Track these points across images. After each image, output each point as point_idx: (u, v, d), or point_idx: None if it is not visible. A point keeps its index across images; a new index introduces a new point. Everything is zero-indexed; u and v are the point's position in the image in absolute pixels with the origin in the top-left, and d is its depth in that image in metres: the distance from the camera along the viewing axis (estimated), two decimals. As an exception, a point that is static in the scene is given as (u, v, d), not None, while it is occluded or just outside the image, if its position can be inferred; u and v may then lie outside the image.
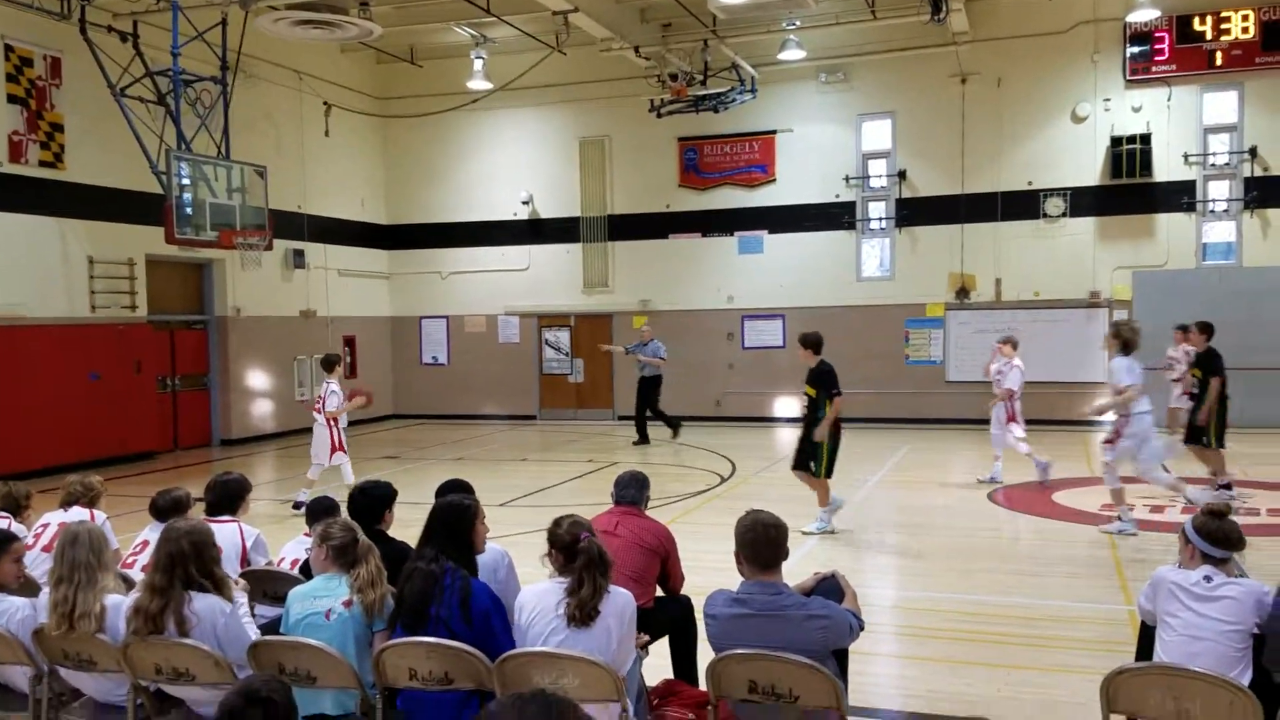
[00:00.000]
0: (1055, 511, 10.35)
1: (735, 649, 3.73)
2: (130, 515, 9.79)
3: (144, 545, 5.47)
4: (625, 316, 19.96)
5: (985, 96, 17.77)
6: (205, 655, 3.87)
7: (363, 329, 20.70)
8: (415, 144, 21.08)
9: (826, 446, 9.30)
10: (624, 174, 19.96)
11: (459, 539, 4.22)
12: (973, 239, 18.00)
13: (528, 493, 12.02)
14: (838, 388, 9.32)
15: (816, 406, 9.34)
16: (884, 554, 9.25)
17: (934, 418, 17.78)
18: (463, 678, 3.84)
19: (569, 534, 3.99)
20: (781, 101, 18.72)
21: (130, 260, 15.52)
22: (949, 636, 6.52)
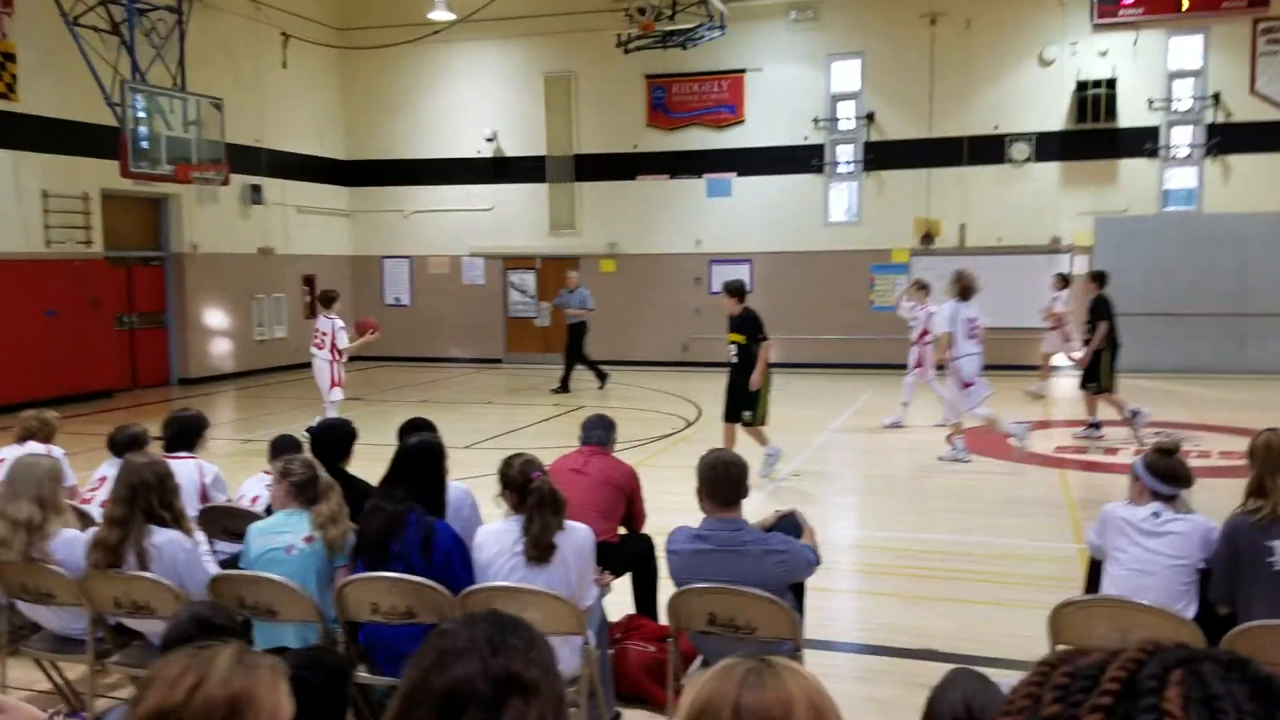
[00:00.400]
0: (1012, 453, 10.52)
1: (695, 583, 3.78)
2: (88, 453, 9.70)
3: (102, 481, 5.44)
4: (592, 259, 19.84)
5: (954, 38, 17.67)
6: (165, 589, 3.86)
7: (323, 268, 20.43)
8: (376, 77, 20.64)
9: (764, 393, 9.17)
10: (591, 112, 19.71)
11: (430, 477, 4.24)
12: (939, 184, 18.02)
13: (493, 435, 12.03)
14: (764, 332, 9.22)
15: (746, 354, 9.21)
16: (845, 494, 9.39)
17: (898, 363, 17.89)
18: (425, 612, 3.87)
19: (521, 473, 4.03)
20: (751, 40, 18.51)
21: (85, 195, 15.16)
22: (905, 573, 6.66)
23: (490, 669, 1.36)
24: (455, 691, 1.35)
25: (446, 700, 1.35)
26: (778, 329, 18.67)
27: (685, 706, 1.43)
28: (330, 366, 11.25)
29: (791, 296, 18.67)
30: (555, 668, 1.41)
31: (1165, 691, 0.62)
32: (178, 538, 4.02)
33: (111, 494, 4.09)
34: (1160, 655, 0.65)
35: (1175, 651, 0.66)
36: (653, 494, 5.46)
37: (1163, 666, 0.64)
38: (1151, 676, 0.64)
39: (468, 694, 1.35)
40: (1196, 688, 0.62)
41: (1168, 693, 0.62)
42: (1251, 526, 3.76)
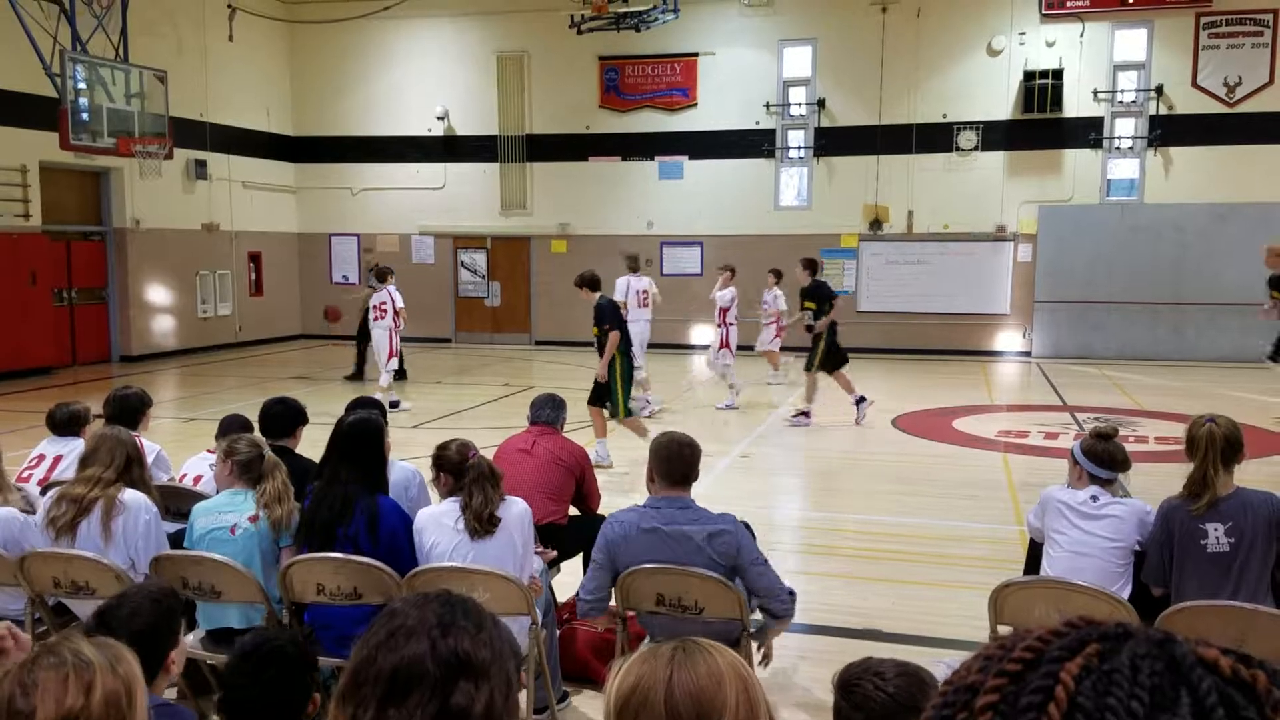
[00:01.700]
0: (954, 437, 10.71)
1: (632, 568, 3.78)
2: (26, 431, 9.48)
3: (39, 459, 5.32)
4: (544, 240, 19.76)
5: (905, 26, 17.81)
6: (105, 568, 3.80)
7: (269, 245, 20.12)
8: (324, 52, 20.29)
9: (619, 386, 9.06)
10: (543, 92, 19.57)
11: (372, 454, 4.20)
12: (887, 170, 18.19)
13: (441, 415, 11.95)
14: (609, 322, 9.17)
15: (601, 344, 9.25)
16: (790, 476, 9.49)
17: (845, 346, 18.07)
18: (371, 593, 3.85)
19: (458, 454, 4.05)
20: (704, 23, 18.50)
21: (23, 167, 14.73)
22: (848, 554, 6.76)
23: (439, 650, 1.36)
24: (403, 672, 1.35)
25: (394, 680, 1.34)
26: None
27: (614, 691, 1.45)
28: (390, 336, 12.05)
29: (741, 280, 18.68)
30: (506, 650, 1.41)
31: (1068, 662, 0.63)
32: (144, 500, 4.05)
33: (101, 459, 4.06)
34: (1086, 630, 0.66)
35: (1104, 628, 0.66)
36: (602, 475, 5.46)
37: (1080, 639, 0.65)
38: (1063, 647, 0.65)
39: (416, 674, 1.35)
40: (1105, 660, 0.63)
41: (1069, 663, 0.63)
42: (1190, 512, 3.86)
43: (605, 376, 9.11)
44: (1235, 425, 3.96)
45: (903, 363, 17.00)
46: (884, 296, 18.12)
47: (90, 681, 1.63)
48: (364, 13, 18.90)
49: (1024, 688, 0.63)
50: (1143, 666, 0.62)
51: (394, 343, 12.21)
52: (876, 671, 2.09)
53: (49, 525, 3.93)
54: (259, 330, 19.77)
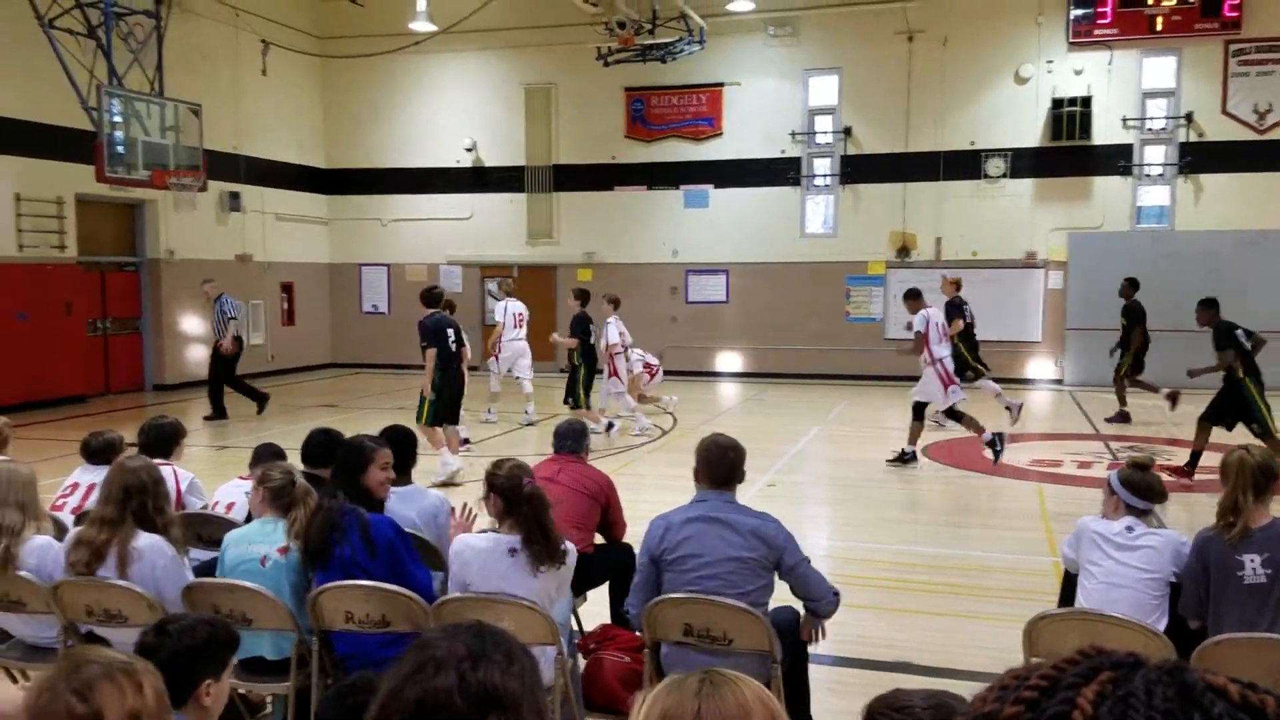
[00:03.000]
0: (986, 466, 10.59)
1: (682, 556, 3.83)
2: (59, 459, 9.59)
3: (74, 487, 5.37)
4: (569, 269, 19.86)
5: (931, 55, 17.84)
6: (138, 597, 3.82)
7: (301, 275, 20.34)
8: (356, 86, 20.60)
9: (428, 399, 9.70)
10: (570, 123, 19.75)
11: (349, 479, 4.21)
12: (915, 198, 18.17)
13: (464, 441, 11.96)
14: (427, 341, 9.70)
15: None
16: (820, 505, 9.43)
17: (873, 374, 18.04)
18: (400, 620, 3.85)
19: (509, 478, 3.99)
20: (729, 54, 18.62)
21: (59, 199, 15.02)
22: (879, 585, 6.68)
23: (468, 683, 1.36)
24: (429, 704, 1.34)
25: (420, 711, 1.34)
26: (752, 339, 18.92)
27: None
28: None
29: (766, 307, 18.77)
30: (537, 682, 1.41)
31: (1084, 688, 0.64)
32: (159, 544, 3.98)
33: (102, 495, 4.04)
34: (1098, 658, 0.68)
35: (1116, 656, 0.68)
36: (627, 502, 5.45)
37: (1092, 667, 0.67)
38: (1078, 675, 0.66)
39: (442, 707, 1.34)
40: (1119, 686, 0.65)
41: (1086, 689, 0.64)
42: (1225, 543, 3.81)
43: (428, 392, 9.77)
44: (1270, 455, 3.93)
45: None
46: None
47: (140, 681, 1.66)
48: (395, 47, 19.18)
49: (1041, 714, 0.64)
50: (1156, 692, 0.63)
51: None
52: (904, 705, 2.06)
53: (70, 569, 3.94)
54: (291, 359, 19.95)
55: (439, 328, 9.81)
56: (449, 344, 9.84)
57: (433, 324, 9.79)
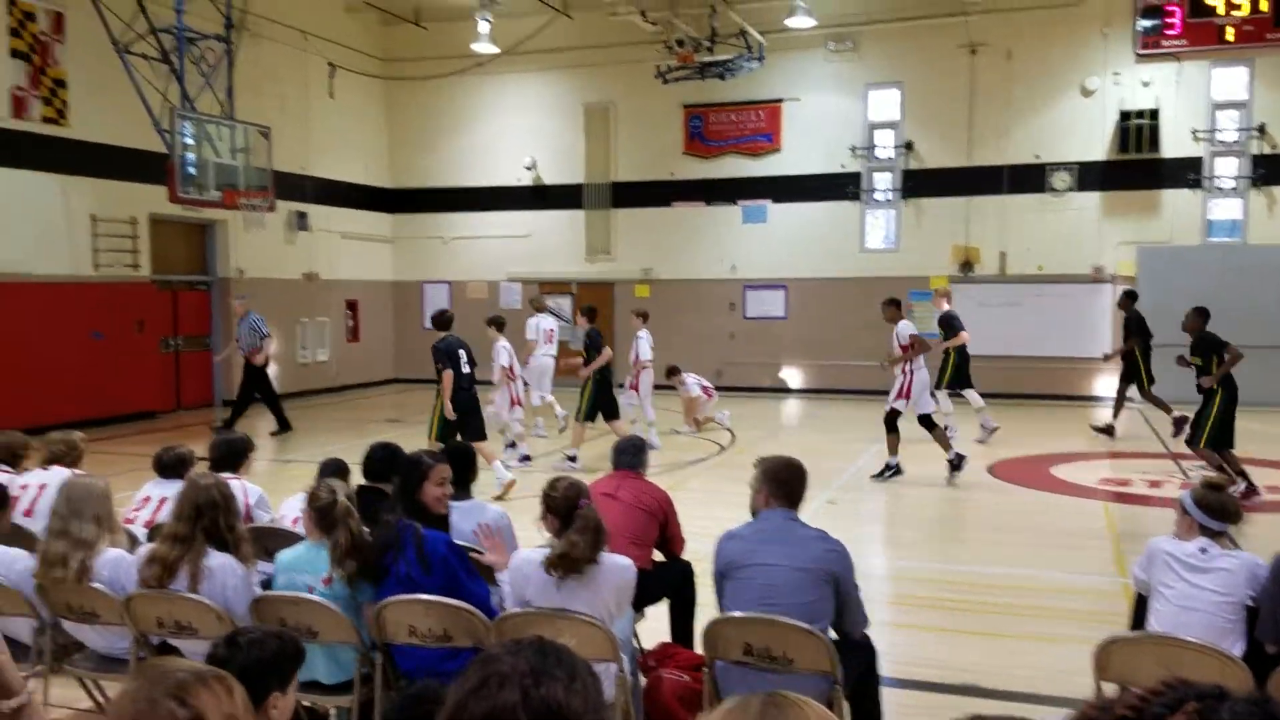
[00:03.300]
0: (1052, 485, 10.39)
1: (745, 566, 3.86)
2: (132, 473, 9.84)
3: (145, 501, 5.51)
4: (627, 285, 19.94)
5: (994, 68, 17.63)
6: (207, 609, 3.90)
7: (365, 293, 20.70)
8: (419, 107, 20.95)
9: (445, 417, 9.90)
10: (628, 141, 19.87)
11: (406, 494, 4.28)
12: (978, 212, 17.94)
13: (524, 458, 12.04)
14: (442, 363, 9.97)
15: None
16: (880, 523, 9.31)
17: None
18: (461, 635, 3.88)
19: (565, 497, 4.01)
20: (789, 70, 18.59)
21: (133, 219, 15.48)
22: (942, 606, 6.57)
23: (531, 699, 1.36)
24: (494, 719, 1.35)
25: (484, 727, 1.35)
26: (812, 354, 18.77)
27: None
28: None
29: (826, 322, 18.63)
30: (599, 699, 1.41)
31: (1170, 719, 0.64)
32: (230, 563, 4.05)
33: (175, 511, 4.11)
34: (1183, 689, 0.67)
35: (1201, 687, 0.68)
36: (684, 518, 5.42)
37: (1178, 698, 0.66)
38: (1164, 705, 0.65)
39: (506, 722, 1.35)
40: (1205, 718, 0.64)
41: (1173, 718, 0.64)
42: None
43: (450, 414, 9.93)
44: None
45: (996, 408, 16.57)
46: (975, 340, 17.69)
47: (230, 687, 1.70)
48: (458, 69, 19.48)
49: None
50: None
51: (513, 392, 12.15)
52: None
53: (142, 583, 4.02)
54: (355, 375, 20.29)
55: (452, 350, 10.10)
56: (462, 365, 10.12)
57: (446, 346, 10.09)
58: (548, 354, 13.72)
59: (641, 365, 13.11)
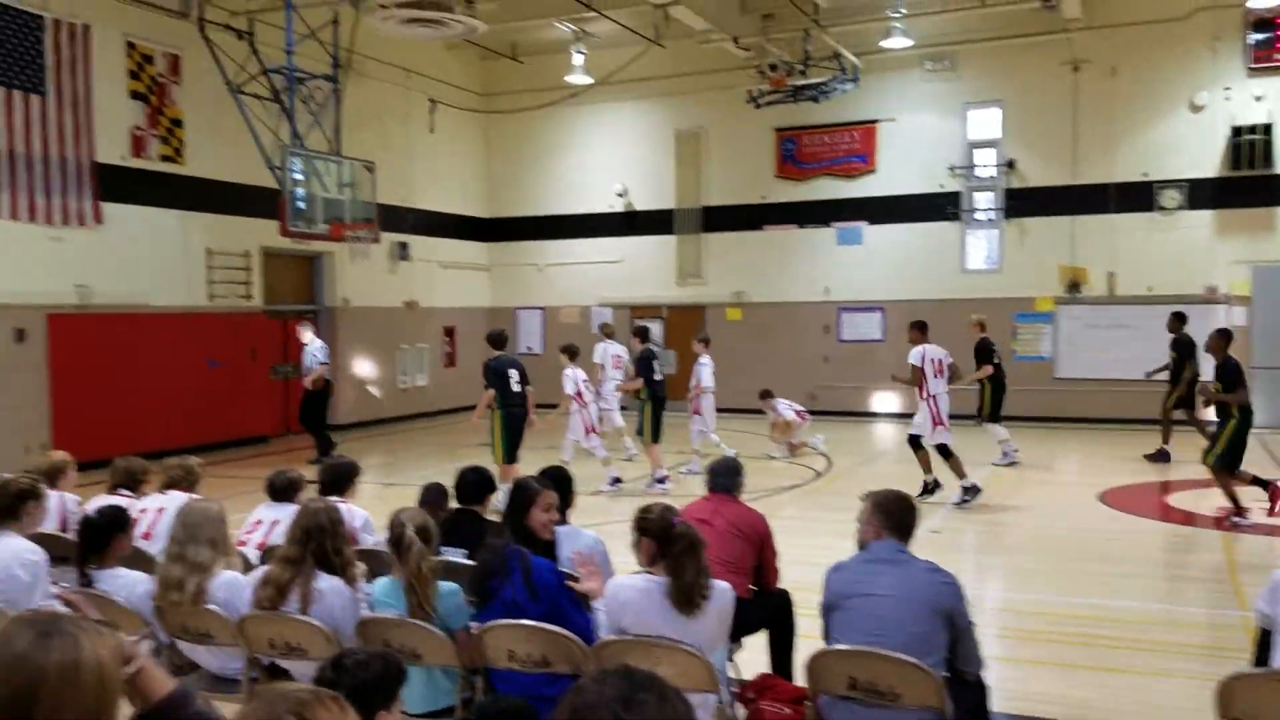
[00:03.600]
0: (1166, 513, 9.99)
1: (852, 596, 3.81)
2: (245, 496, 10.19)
3: (258, 524, 5.68)
4: (718, 308, 19.94)
5: (1099, 85, 17.17)
6: (317, 630, 4.00)
7: (462, 319, 21.12)
8: (515, 138, 21.38)
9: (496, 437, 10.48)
10: (719, 165, 19.92)
11: (514, 518, 4.34)
12: (1085, 231, 17.43)
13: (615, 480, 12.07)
14: (489, 381, 10.54)
15: None
16: (986, 554, 9.06)
17: (1042, 415, 17.29)
18: (560, 661, 3.89)
19: (660, 520, 3.98)
20: (884, 90, 18.41)
21: (246, 252, 16.12)
22: (1052, 638, 6.36)
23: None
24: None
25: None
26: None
27: None
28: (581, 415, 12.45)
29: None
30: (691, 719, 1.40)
31: None
32: (339, 585, 4.15)
33: (288, 535, 4.24)
34: None
35: None
36: (780, 547, 5.33)
37: None
38: None
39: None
40: None
41: None
42: None
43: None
44: None
45: (1105, 433, 16.05)
46: (1084, 363, 17.23)
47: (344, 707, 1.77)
48: (552, 100, 19.82)
49: None
50: None
51: (586, 419, 12.22)
52: None
53: (255, 604, 4.15)
54: (452, 399, 20.66)
55: (501, 369, 10.51)
56: (512, 385, 10.48)
57: (496, 365, 10.57)
58: (615, 379, 13.90)
59: (700, 390, 13.09)
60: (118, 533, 4.52)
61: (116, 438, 12.55)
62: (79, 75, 13.44)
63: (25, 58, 12.81)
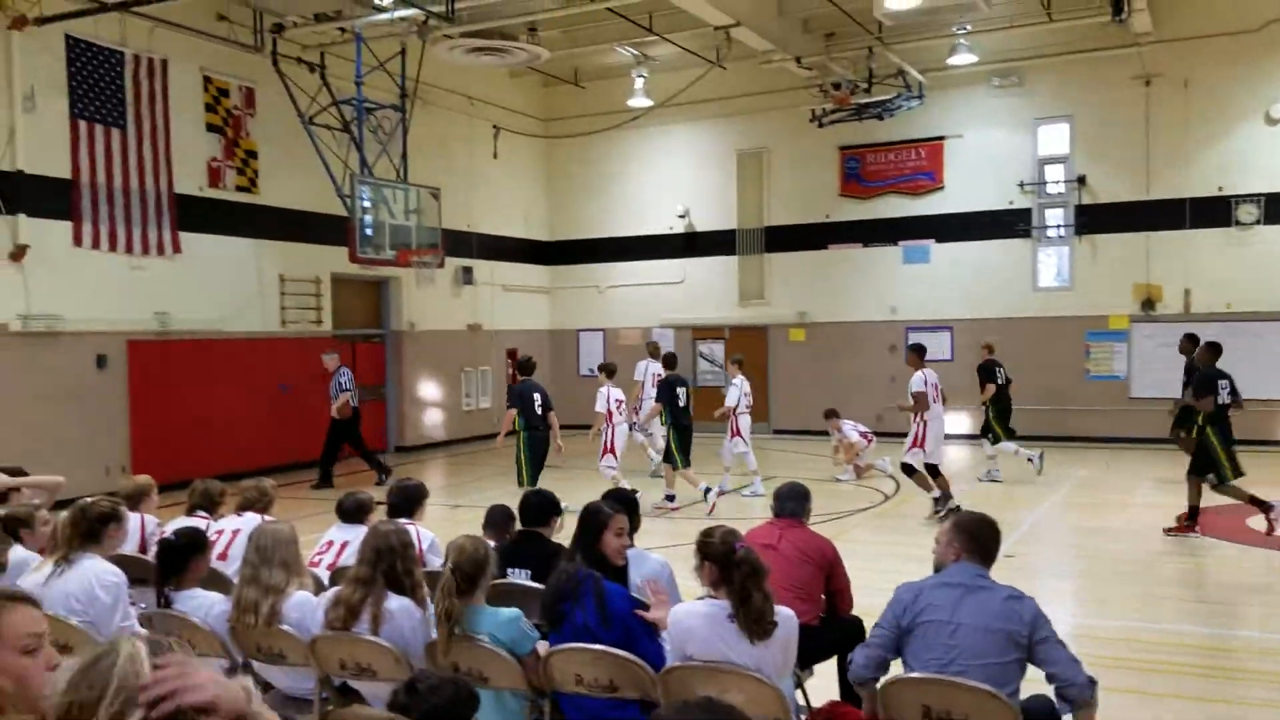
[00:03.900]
0: (1251, 538, 9.63)
1: (927, 621, 3.72)
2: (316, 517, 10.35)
3: (328, 545, 5.76)
4: (781, 329, 19.83)
5: (1171, 99, 16.79)
6: (386, 651, 4.03)
7: (524, 341, 21.27)
8: (577, 162, 21.57)
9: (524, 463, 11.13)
10: (782, 185, 19.86)
11: (586, 543, 4.32)
12: (1159, 247, 17.01)
13: (680, 504, 12.04)
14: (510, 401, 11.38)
15: None
16: (1063, 579, 8.83)
17: (1117, 436, 16.86)
18: (627, 686, 3.87)
19: (723, 544, 3.92)
20: (951, 107, 18.22)
21: (317, 278, 16.48)
22: (1134, 667, 6.16)
23: None
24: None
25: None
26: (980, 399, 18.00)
27: None
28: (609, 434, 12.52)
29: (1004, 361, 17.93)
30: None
31: None
32: (409, 605, 4.19)
33: (359, 556, 4.30)
34: None
35: None
36: (848, 572, 5.23)
37: None
38: None
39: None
40: None
41: None
42: None
43: None
44: None
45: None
46: (1159, 382, 16.75)
47: None
48: (613, 124, 19.96)
49: None
50: None
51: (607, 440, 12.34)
52: None
53: (327, 627, 4.20)
54: (516, 422, 20.82)
55: (525, 393, 11.18)
56: (535, 407, 11.03)
57: (520, 389, 11.35)
58: (651, 397, 14.05)
59: (728, 412, 13.17)
60: (195, 554, 4.61)
61: (193, 460, 12.88)
62: (158, 109, 13.90)
63: (106, 92, 13.29)
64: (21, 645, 2.18)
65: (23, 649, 2.18)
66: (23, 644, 2.19)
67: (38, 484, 6.62)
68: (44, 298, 12.62)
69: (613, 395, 12.36)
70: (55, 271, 12.72)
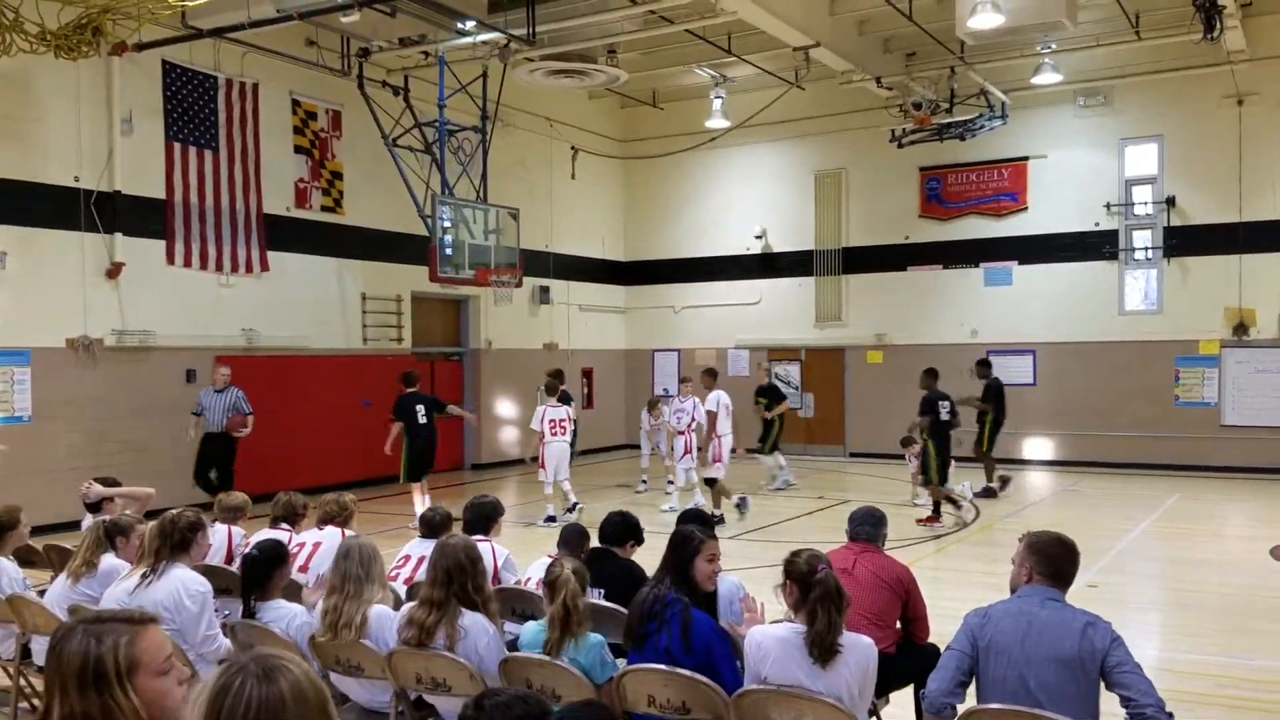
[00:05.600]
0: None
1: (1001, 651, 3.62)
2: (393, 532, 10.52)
3: (405, 559, 5.85)
4: (858, 351, 19.60)
5: (1265, 118, 16.24)
6: (461, 667, 4.08)
7: (599, 361, 21.40)
8: (654, 183, 21.66)
9: None
10: (860, 206, 19.67)
11: (677, 567, 4.29)
12: (1252, 270, 16.42)
13: (756, 527, 11.95)
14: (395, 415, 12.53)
15: None
16: (1150, 611, 8.54)
17: (1207, 464, 16.27)
18: (699, 709, 3.84)
19: (807, 566, 3.91)
20: (1034, 126, 17.87)
21: (398, 297, 16.81)
22: (1224, 703, 5.92)
23: None
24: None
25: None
26: (1064, 424, 17.62)
27: None
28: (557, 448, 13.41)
29: (1081, 389, 17.51)
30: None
31: None
32: (482, 621, 4.24)
33: (428, 575, 4.36)
34: None
35: None
36: (926, 600, 5.13)
37: None
38: None
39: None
40: None
41: None
42: None
43: None
44: None
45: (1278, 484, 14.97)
46: (1253, 409, 16.16)
47: None
48: (691, 145, 20.03)
49: None
50: None
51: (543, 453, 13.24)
52: None
53: (402, 645, 4.26)
54: (589, 440, 20.86)
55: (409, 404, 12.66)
56: (419, 417, 12.60)
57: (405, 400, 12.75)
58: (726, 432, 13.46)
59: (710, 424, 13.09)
60: (277, 567, 4.73)
61: (277, 473, 13.17)
62: (248, 131, 14.37)
63: (200, 115, 13.79)
64: (158, 667, 2.26)
65: (158, 670, 2.26)
66: (159, 666, 2.26)
67: (130, 494, 6.87)
68: (137, 314, 13.11)
69: (548, 414, 13.36)
70: (148, 289, 13.21)
